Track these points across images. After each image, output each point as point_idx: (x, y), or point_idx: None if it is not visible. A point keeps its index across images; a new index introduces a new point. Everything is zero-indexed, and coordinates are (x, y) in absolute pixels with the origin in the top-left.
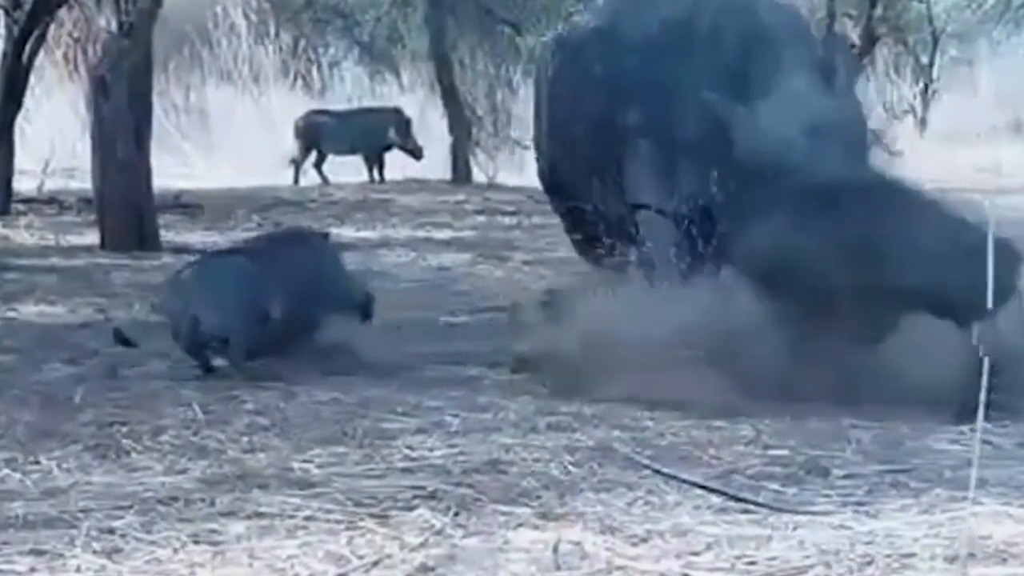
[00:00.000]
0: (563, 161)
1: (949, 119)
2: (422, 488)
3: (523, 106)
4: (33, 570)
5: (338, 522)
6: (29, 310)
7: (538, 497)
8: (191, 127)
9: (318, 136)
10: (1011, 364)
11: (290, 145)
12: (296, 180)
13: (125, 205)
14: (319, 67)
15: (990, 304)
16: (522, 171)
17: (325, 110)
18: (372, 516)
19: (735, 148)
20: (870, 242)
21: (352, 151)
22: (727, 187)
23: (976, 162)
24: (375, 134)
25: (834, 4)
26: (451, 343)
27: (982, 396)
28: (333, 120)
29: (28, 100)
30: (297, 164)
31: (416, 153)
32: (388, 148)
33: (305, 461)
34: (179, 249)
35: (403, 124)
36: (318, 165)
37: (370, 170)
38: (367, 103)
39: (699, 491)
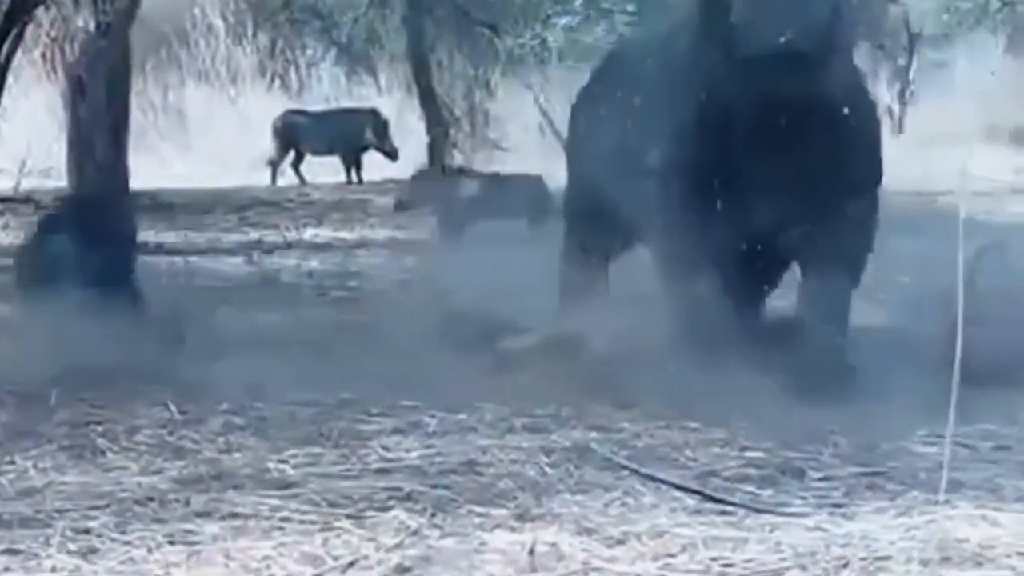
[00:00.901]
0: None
1: (926, 122)
2: (398, 489)
3: (500, 107)
4: (7, 569)
5: (313, 523)
6: (3, 311)
7: (514, 498)
8: (169, 127)
9: (295, 136)
10: None
11: (268, 145)
12: (274, 180)
13: (102, 205)
14: (297, 68)
15: None
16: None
17: (302, 110)
18: (348, 517)
19: None
20: None
21: (330, 151)
22: None
23: (953, 165)
24: (352, 135)
25: None
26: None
27: (953, 398)
28: (310, 120)
29: (5, 99)
30: (275, 164)
31: (392, 155)
32: (365, 149)
33: (281, 461)
34: (156, 249)
35: (380, 125)
36: (295, 165)
37: (347, 171)
38: (344, 103)
39: (675, 493)
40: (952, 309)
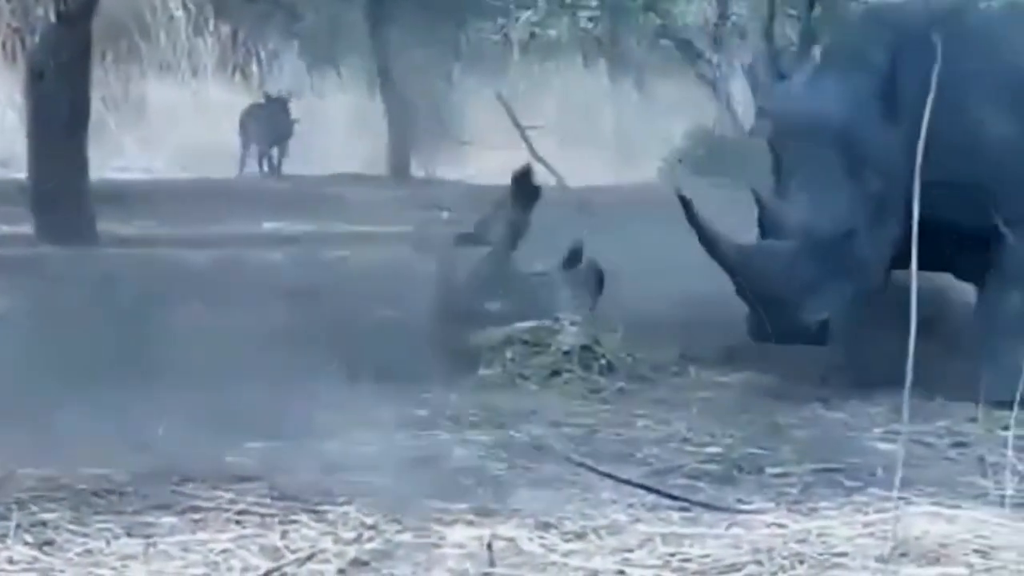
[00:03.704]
0: None
1: None
2: (357, 483)
3: (462, 100)
4: None
5: (272, 516)
6: None
7: (473, 493)
8: (129, 118)
9: (252, 128)
10: None
11: (230, 137)
12: (239, 172)
13: (61, 196)
14: (259, 59)
15: None
16: (462, 166)
17: (263, 103)
18: (306, 511)
19: None
20: None
21: (274, 143)
22: None
23: None
24: (287, 124)
25: (775, 4)
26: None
27: (907, 394)
28: (268, 112)
29: None
30: (241, 156)
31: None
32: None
33: (239, 455)
34: (115, 241)
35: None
36: (260, 157)
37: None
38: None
39: (634, 488)
40: None
